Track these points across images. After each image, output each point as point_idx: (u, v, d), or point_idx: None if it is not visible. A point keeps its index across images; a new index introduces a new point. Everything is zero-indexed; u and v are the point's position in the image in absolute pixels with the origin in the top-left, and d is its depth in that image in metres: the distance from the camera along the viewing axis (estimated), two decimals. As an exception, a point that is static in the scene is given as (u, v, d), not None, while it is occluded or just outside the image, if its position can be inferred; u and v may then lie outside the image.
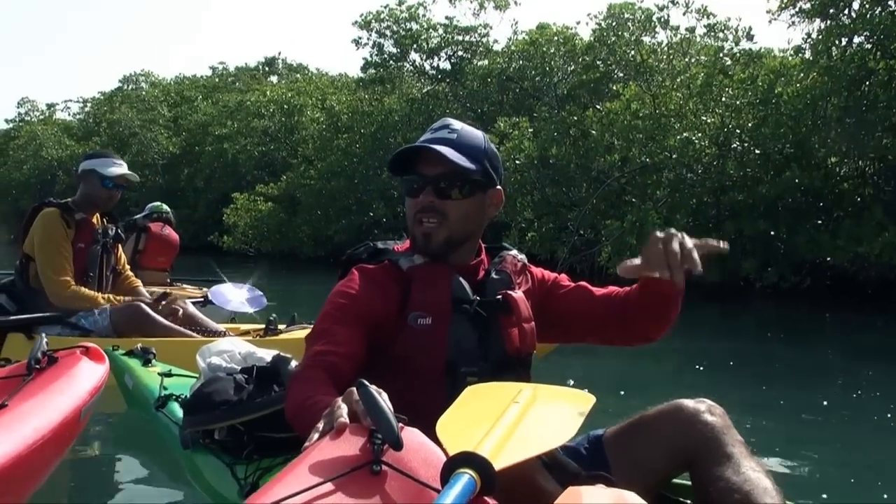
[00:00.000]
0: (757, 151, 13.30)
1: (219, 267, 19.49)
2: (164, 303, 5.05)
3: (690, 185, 13.77)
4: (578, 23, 22.57)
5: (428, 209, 2.07)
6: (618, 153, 14.57)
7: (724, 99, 13.57)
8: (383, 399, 1.47)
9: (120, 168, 5.02)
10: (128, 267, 5.40)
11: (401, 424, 1.42)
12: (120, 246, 5.30)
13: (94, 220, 5.06)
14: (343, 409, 1.51)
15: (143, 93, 38.77)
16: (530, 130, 16.20)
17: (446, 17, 23.78)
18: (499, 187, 2.18)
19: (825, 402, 5.58)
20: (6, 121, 50.21)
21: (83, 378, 2.64)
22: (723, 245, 2.03)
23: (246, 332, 5.15)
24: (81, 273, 4.92)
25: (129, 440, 4.17)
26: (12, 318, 4.77)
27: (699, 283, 11.79)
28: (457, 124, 2.14)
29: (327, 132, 24.11)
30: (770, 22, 13.79)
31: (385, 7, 23.83)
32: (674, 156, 13.59)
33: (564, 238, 15.37)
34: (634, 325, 2.21)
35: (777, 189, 12.67)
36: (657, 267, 1.93)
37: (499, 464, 1.33)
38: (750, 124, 13.22)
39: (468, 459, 1.31)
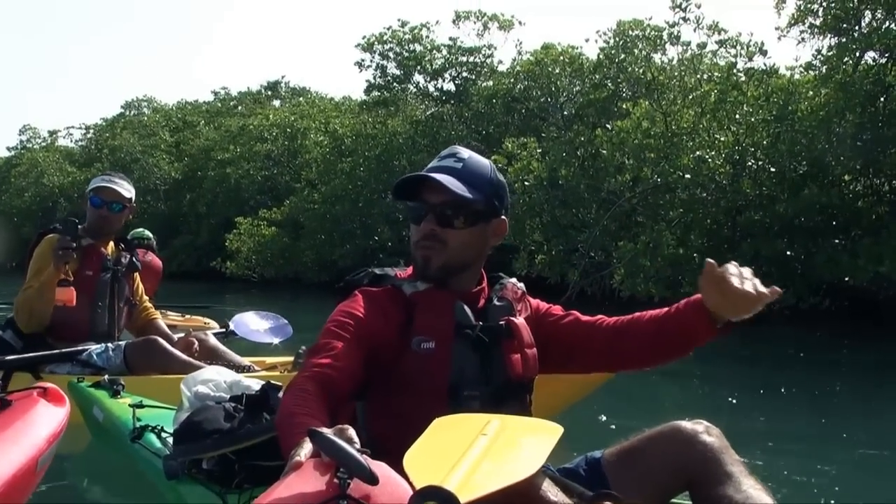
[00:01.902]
0: (772, 169, 13.03)
1: (222, 293, 19.39)
2: (179, 336, 4.73)
3: (704, 205, 13.49)
4: (587, 40, 22.43)
5: (429, 236, 2.11)
6: (629, 173, 14.31)
7: (737, 116, 13.30)
8: (346, 436, 1.50)
9: (101, 182, 4.61)
10: (146, 298, 5.05)
11: (366, 457, 1.42)
12: (137, 276, 4.91)
13: (107, 248, 4.70)
14: (304, 450, 1.51)
15: (145, 118, 38.89)
16: (538, 151, 15.96)
17: (450, 39, 23.61)
18: (503, 217, 2.21)
19: (842, 429, 5.44)
20: (8, 148, 50.41)
21: (40, 423, 2.45)
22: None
23: (273, 367, 4.79)
24: (90, 303, 4.50)
25: (98, 479, 3.93)
26: (18, 356, 4.36)
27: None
28: (465, 153, 2.16)
29: (331, 156, 23.95)
30: (779, 38, 13.59)
31: (388, 29, 23.77)
32: (687, 175, 13.31)
33: (575, 260, 15.09)
34: (626, 352, 2.22)
35: (794, 208, 12.37)
36: (735, 298, 2.02)
37: (464, 497, 1.33)
38: (765, 142, 12.95)
39: (434, 493, 1.32)
